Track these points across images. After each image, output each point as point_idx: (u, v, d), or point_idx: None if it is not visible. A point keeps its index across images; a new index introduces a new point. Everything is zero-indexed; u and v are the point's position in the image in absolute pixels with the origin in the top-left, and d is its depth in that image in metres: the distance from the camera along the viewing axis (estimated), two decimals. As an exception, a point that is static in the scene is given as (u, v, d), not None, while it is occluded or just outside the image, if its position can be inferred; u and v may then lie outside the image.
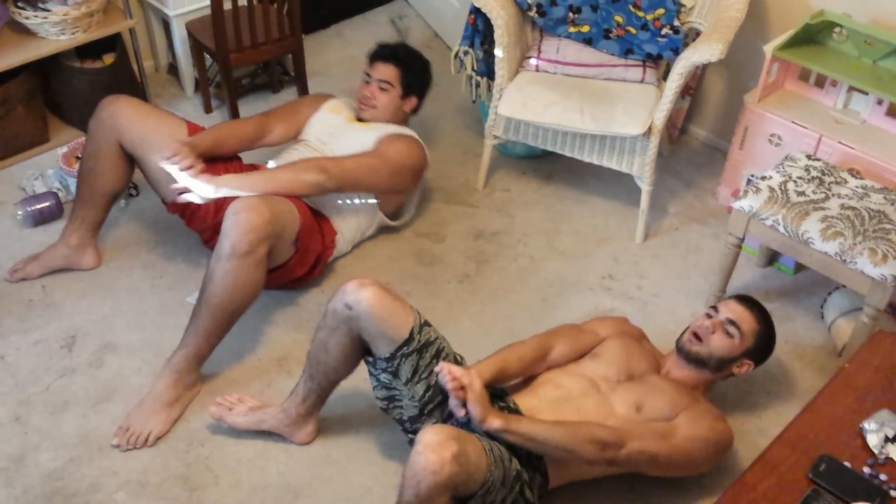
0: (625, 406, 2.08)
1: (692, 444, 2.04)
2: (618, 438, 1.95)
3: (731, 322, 2.17)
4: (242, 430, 2.27)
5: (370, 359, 2.09)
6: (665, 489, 2.16)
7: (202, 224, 2.61)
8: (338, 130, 2.83)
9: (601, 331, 2.29)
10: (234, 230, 2.24)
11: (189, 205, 2.61)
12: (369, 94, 2.85)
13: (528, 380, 2.19)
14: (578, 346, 2.24)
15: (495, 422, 1.90)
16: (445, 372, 1.94)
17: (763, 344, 2.21)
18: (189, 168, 2.43)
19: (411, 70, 2.87)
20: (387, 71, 2.83)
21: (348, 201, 2.74)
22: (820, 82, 2.79)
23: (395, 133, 2.78)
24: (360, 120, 2.88)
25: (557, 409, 2.06)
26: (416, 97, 2.91)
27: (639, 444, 1.97)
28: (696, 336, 2.18)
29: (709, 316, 2.21)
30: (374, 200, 2.78)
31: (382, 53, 2.88)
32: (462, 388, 1.93)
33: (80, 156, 3.00)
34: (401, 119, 2.91)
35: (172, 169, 2.43)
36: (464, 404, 1.93)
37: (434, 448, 1.73)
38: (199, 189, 2.41)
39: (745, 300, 2.23)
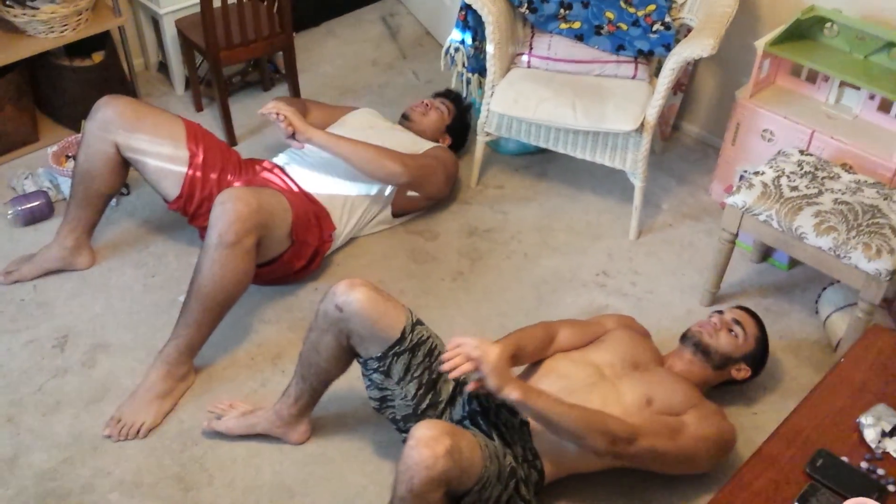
0: (634, 396, 2.06)
1: (699, 443, 2.04)
2: (629, 434, 1.93)
3: (737, 322, 2.25)
4: (236, 436, 2.26)
5: (362, 359, 2.08)
6: (663, 485, 2.16)
7: (204, 222, 2.60)
8: (379, 126, 2.95)
9: (607, 323, 2.31)
10: (221, 220, 2.24)
11: (191, 203, 2.61)
12: (428, 104, 3.08)
13: (530, 369, 2.18)
14: (584, 332, 2.25)
15: (514, 392, 1.84)
16: (450, 349, 1.88)
17: (761, 352, 2.29)
18: (285, 114, 2.61)
19: (463, 118, 3.16)
20: (449, 103, 3.12)
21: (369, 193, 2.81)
22: (812, 77, 2.80)
23: (441, 146, 2.99)
24: (404, 119, 3.07)
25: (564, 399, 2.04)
26: (452, 140, 3.11)
27: (649, 441, 1.96)
28: (704, 331, 2.23)
29: (716, 314, 2.28)
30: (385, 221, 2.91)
31: (452, 95, 3.18)
32: (472, 360, 1.86)
33: (70, 154, 2.99)
34: (435, 141, 3.04)
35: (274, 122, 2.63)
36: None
37: (427, 443, 1.72)
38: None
39: (747, 309, 2.33)
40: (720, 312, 2.29)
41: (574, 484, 2.13)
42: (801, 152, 2.59)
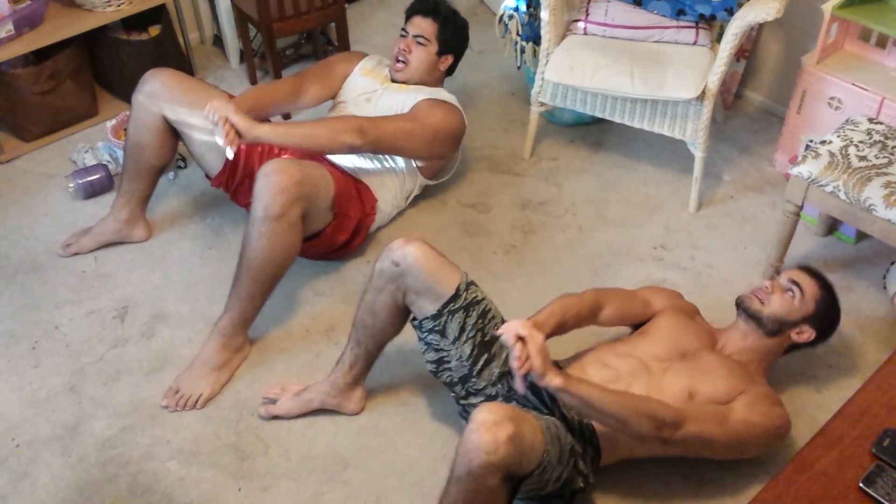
0: (676, 389, 2.01)
1: (748, 429, 1.98)
2: (676, 418, 1.89)
3: (793, 282, 2.12)
4: (295, 417, 2.27)
5: (416, 321, 2.08)
6: (722, 466, 2.11)
7: (246, 199, 2.62)
8: (374, 94, 2.78)
9: (654, 301, 2.23)
10: (266, 192, 2.24)
11: (233, 179, 2.62)
12: (405, 48, 2.78)
13: (575, 357, 2.15)
14: (629, 311, 2.20)
15: (555, 380, 1.82)
16: (505, 332, 1.85)
17: (825, 312, 2.13)
18: (225, 115, 2.35)
19: (449, 25, 2.80)
20: (424, 25, 2.78)
21: (387, 164, 2.72)
22: (882, 42, 2.68)
23: (432, 98, 2.73)
24: (394, 82, 2.82)
25: None
26: (453, 56, 2.84)
27: (696, 426, 1.91)
28: (756, 297, 2.13)
29: (770, 279, 2.17)
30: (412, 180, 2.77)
31: (421, 8, 2.81)
32: (521, 340, 1.83)
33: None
34: (435, 80, 2.85)
35: (213, 126, 2.37)
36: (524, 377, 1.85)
37: (489, 427, 1.69)
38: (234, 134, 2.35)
39: (809, 268, 2.19)
40: (777, 272, 2.18)
41: (632, 466, 2.09)
42: (871, 120, 2.48)
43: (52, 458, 2.19)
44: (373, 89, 2.80)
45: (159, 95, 2.56)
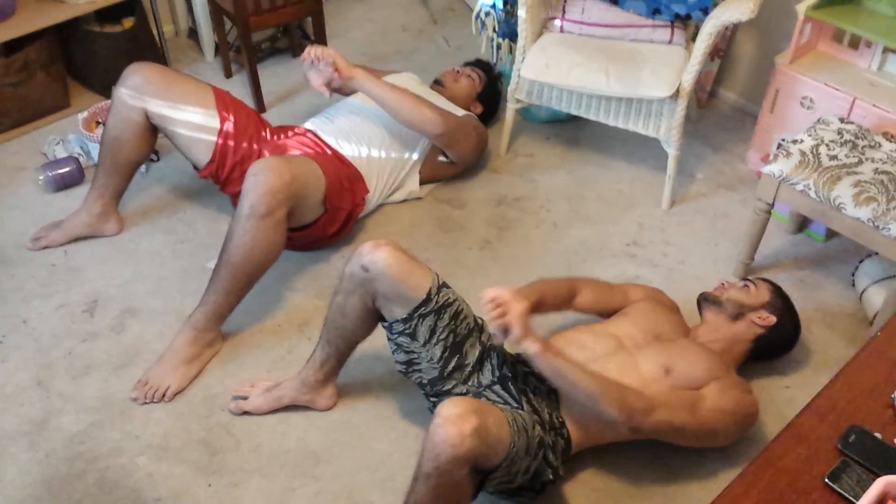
0: (652, 366, 2.04)
1: (718, 416, 2.01)
2: (646, 406, 1.91)
3: (745, 281, 2.31)
4: (266, 413, 2.26)
5: (387, 323, 2.07)
6: (688, 458, 2.13)
7: (235, 188, 2.60)
8: (418, 89, 2.90)
9: (633, 294, 2.28)
10: (254, 191, 2.23)
11: (222, 169, 2.61)
12: (460, 71, 3.04)
13: (552, 338, 2.16)
14: (607, 299, 2.25)
15: (532, 345, 1.83)
16: (486, 297, 1.85)
17: (782, 301, 2.27)
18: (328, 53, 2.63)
19: (494, 86, 3.11)
20: (480, 73, 3.08)
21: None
22: (854, 43, 2.70)
23: (473, 115, 2.95)
24: (437, 84, 3.04)
25: None
26: (483, 108, 3.06)
27: (666, 414, 1.94)
28: (715, 290, 2.30)
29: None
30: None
31: (484, 64, 3.13)
32: (502, 308, 1.83)
33: (100, 121, 3.00)
34: (466, 109, 3.01)
35: (310, 66, 2.68)
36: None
37: (454, 421, 1.70)
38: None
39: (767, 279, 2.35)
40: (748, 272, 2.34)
41: (599, 455, 2.10)
42: (842, 120, 2.51)
43: (18, 452, 2.16)
44: (414, 87, 2.91)
45: (143, 90, 2.54)
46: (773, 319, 2.21)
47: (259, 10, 3.06)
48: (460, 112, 2.90)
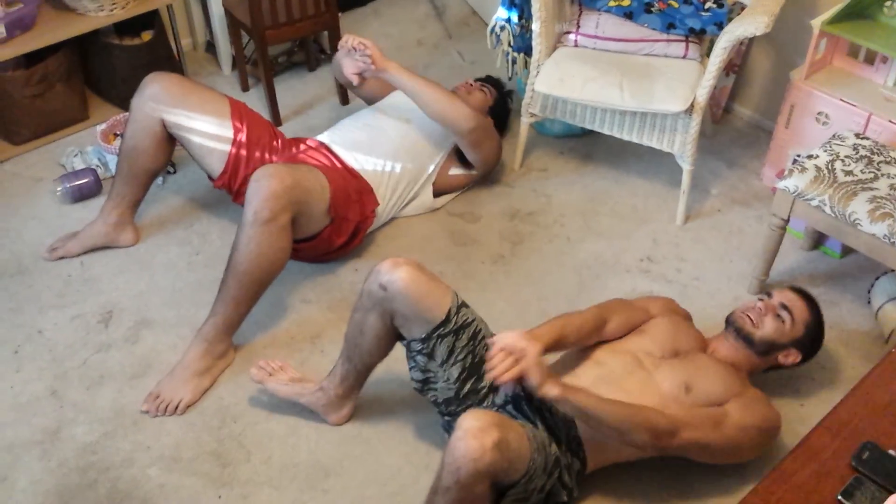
0: (672, 384, 2.01)
1: (744, 432, 1.99)
2: (673, 427, 1.89)
3: (784, 306, 2.14)
4: (279, 400, 2.26)
5: (405, 341, 2.06)
6: (705, 475, 2.11)
7: None
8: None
9: (651, 308, 2.24)
10: (256, 197, 2.25)
11: (235, 179, 2.62)
12: (473, 84, 3.04)
13: (567, 356, 2.15)
14: (631, 322, 2.19)
15: (553, 390, 1.81)
16: (496, 347, 1.84)
17: (812, 336, 2.17)
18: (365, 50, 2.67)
19: (506, 100, 3.11)
20: (491, 88, 3.08)
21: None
22: (870, 59, 2.69)
23: (490, 120, 2.92)
24: None
25: (599, 389, 1.97)
26: (493, 120, 3.01)
27: (692, 433, 1.92)
28: (749, 317, 2.15)
29: (761, 300, 2.18)
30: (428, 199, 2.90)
31: (494, 80, 3.12)
32: (514, 356, 1.82)
33: (118, 133, 3.03)
34: None
35: (345, 54, 2.72)
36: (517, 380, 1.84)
37: (475, 434, 1.69)
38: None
39: (799, 290, 2.21)
40: (768, 294, 2.19)
41: (614, 473, 2.09)
42: (857, 136, 2.49)
43: (31, 462, 2.18)
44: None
45: (160, 99, 2.57)
46: (797, 358, 2.15)
47: (276, 24, 3.09)
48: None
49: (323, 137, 2.79)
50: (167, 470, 2.17)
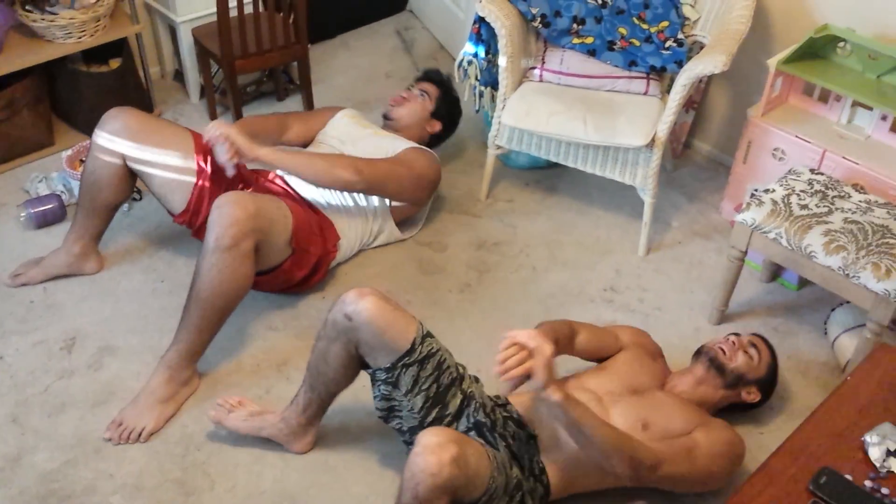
0: (628, 420, 2.05)
1: (713, 460, 2.04)
2: (654, 461, 1.93)
3: (753, 345, 2.26)
4: (240, 436, 2.25)
5: (370, 370, 2.07)
6: (665, 501, 2.14)
7: None
8: (357, 135, 2.89)
9: (622, 336, 2.30)
10: (218, 223, 2.25)
11: (197, 217, 2.61)
12: (406, 95, 3.00)
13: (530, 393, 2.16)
14: (601, 341, 2.25)
15: (556, 394, 1.80)
16: (509, 339, 1.82)
17: (771, 378, 2.29)
18: (227, 134, 2.47)
19: (449, 98, 3.05)
20: (429, 87, 3.03)
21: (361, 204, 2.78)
22: (824, 97, 2.79)
23: (416, 147, 2.86)
24: (385, 119, 3.00)
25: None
26: (441, 125, 3.02)
27: (671, 468, 1.96)
28: (722, 349, 2.23)
29: (734, 335, 2.29)
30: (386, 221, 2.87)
31: (432, 76, 3.10)
32: (525, 353, 1.80)
33: (84, 159, 3.01)
34: (420, 138, 2.98)
35: (213, 145, 2.50)
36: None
37: (433, 450, 1.71)
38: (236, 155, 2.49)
39: (763, 338, 2.33)
40: (737, 335, 2.30)
41: (579, 499, 2.10)
42: (812, 171, 2.58)
43: (-10, 490, 2.14)
44: (355, 130, 2.91)
45: (121, 134, 2.55)
46: (757, 397, 2.25)
47: (245, 54, 3.12)
48: (406, 145, 2.84)
49: (281, 171, 2.75)
50: (130, 498, 2.14)
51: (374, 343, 1.99)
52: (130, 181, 2.65)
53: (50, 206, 2.90)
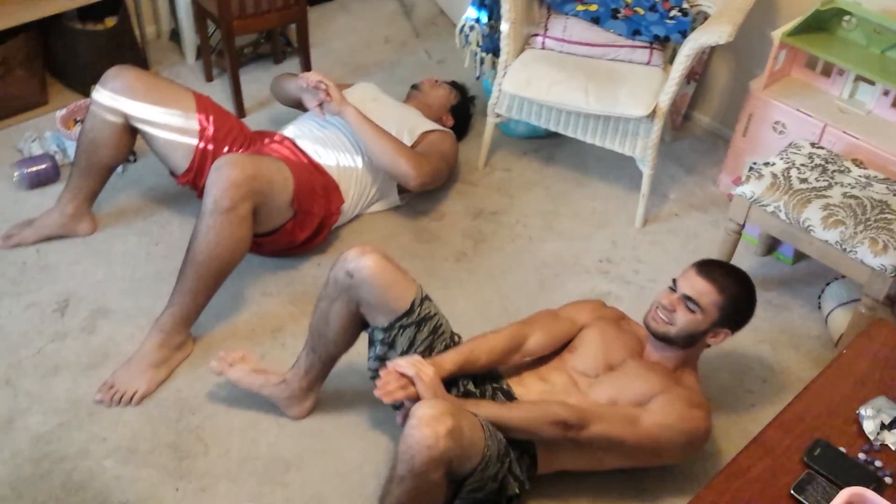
0: (600, 401, 2.03)
1: (661, 431, 1.97)
2: (580, 419, 1.91)
3: (689, 298, 2.02)
4: (240, 392, 2.24)
5: (370, 329, 2.07)
6: (658, 476, 2.15)
7: None
8: (380, 100, 2.91)
9: (578, 317, 2.20)
10: (217, 185, 2.23)
11: (201, 176, 2.59)
12: (438, 82, 3.09)
13: (514, 370, 2.16)
14: (555, 334, 2.17)
15: (439, 406, 1.82)
16: (387, 368, 1.92)
17: (732, 311, 2.04)
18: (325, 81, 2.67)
19: (466, 104, 3.15)
20: (455, 90, 3.12)
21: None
22: (827, 71, 2.77)
23: (441, 130, 2.90)
24: (413, 88, 3.09)
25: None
26: (454, 119, 3.08)
27: (603, 426, 1.93)
28: (660, 317, 2.06)
29: (671, 290, 2.07)
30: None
31: (457, 85, 3.14)
32: (405, 380, 1.91)
33: (78, 119, 2.98)
34: (438, 119, 3.02)
35: (304, 91, 2.71)
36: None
37: (429, 422, 1.71)
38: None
39: (705, 270, 2.05)
40: (674, 282, 2.07)
41: (564, 476, 2.10)
42: (813, 145, 2.57)
43: (-17, 451, 2.14)
44: (380, 97, 2.95)
45: (123, 93, 2.53)
46: (728, 333, 2.06)
47: (243, 15, 3.07)
48: (429, 125, 2.87)
49: (287, 132, 2.77)
50: (123, 461, 2.14)
51: (374, 301, 2.00)
52: (130, 141, 2.62)
53: (43, 166, 2.87)
